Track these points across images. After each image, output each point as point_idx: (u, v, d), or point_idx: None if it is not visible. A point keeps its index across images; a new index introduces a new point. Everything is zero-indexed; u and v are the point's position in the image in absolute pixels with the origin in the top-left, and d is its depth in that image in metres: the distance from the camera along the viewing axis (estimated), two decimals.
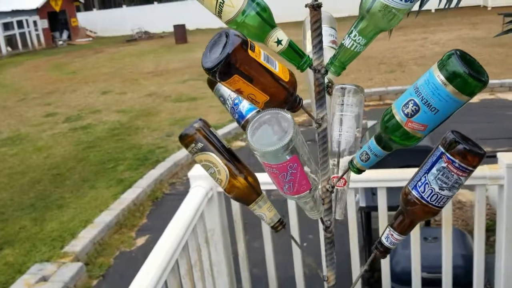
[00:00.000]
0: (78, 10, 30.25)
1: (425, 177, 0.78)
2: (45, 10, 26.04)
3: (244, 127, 0.94)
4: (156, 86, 12.01)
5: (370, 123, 4.32)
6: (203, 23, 25.48)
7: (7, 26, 23.96)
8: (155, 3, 31.43)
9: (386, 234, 0.90)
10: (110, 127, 8.63)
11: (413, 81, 0.73)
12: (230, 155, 0.90)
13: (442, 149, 0.76)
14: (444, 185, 0.76)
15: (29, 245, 4.68)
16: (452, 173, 0.75)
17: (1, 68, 19.16)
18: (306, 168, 0.73)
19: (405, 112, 0.71)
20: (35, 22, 25.27)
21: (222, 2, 0.74)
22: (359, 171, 0.83)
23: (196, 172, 2.07)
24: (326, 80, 0.84)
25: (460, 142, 0.74)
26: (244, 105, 0.92)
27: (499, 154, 1.99)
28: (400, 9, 0.69)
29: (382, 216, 2.15)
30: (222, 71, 0.68)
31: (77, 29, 28.11)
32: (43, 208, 5.50)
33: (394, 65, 11.34)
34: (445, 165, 0.75)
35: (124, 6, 32.12)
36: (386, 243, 0.90)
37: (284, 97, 0.76)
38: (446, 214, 2.13)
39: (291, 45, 0.78)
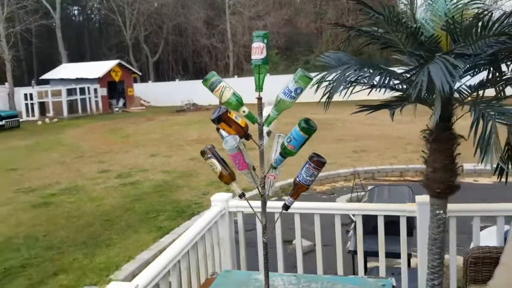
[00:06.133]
0: (135, 81, 32.69)
1: (301, 171, 1.78)
2: (105, 80, 28.61)
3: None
4: (198, 152, 12.85)
5: (370, 187, 5.32)
6: (246, 98, 27.26)
7: (70, 92, 26.55)
8: None
9: (287, 199, 1.88)
10: (155, 184, 9.79)
11: None
12: (223, 161, 1.93)
13: (308, 159, 1.77)
14: (308, 175, 1.76)
15: (80, 273, 5.66)
16: (309, 169, 1.75)
17: (62, 129, 21.14)
18: (246, 160, 1.76)
19: (287, 140, 1.73)
20: (95, 90, 27.78)
21: (221, 93, 1.80)
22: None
23: (216, 197, 3.09)
24: (267, 130, 1.87)
25: (314, 156, 1.75)
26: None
27: (417, 197, 2.92)
28: (288, 101, 1.73)
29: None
30: (217, 120, 1.73)
31: (132, 98, 30.43)
32: (94, 246, 6.52)
33: (421, 146, 11.97)
34: (308, 165, 1.76)
35: (176, 80, 34.69)
36: (287, 203, 1.89)
37: (243, 133, 1.79)
38: None
39: (249, 114, 1.81)
